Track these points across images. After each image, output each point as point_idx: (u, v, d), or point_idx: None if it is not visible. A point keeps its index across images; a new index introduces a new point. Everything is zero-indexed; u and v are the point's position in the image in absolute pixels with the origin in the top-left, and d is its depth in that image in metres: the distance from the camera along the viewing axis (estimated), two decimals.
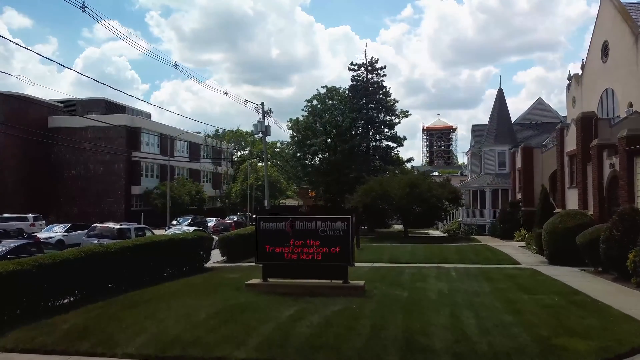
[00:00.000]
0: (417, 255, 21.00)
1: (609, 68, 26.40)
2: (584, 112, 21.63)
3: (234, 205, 64.33)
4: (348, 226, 11.68)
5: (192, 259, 16.60)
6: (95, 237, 20.08)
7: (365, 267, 16.34)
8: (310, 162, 48.61)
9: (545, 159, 30.74)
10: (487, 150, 40.01)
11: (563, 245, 17.39)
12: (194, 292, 12.01)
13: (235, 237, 20.33)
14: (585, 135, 20.30)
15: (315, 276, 11.85)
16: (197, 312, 9.71)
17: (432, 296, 11.16)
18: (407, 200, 32.14)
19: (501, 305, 10.15)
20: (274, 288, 11.78)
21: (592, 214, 18.71)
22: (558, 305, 10.25)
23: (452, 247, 25.19)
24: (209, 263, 18.25)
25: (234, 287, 12.58)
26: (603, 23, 27.31)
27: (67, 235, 26.45)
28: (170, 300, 11.04)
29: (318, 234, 11.75)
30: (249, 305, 10.20)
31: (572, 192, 22.31)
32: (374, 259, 19.55)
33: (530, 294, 11.51)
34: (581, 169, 20.48)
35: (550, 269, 16.39)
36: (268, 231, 12.07)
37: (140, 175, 53.27)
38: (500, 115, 40.17)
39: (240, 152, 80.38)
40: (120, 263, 12.54)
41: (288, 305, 10.17)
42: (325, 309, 9.73)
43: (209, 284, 13.58)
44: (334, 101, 47.68)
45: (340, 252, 11.64)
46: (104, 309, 10.31)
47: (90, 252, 11.51)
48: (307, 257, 11.80)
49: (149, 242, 13.95)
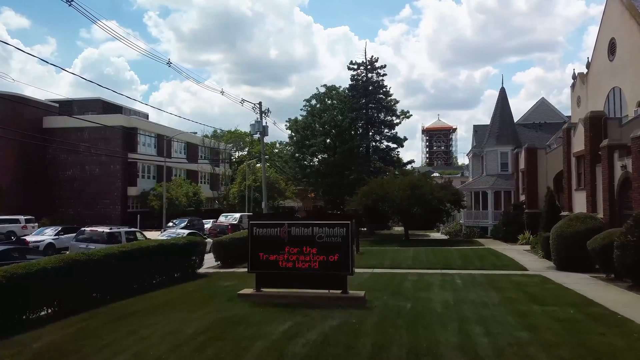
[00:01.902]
0: (420, 260, 20.23)
1: (616, 66, 25.63)
2: (592, 112, 20.85)
3: (232, 206, 63.45)
4: (347, 232, 10.91)
5: (184, 265, 15.83)
6: (84, 241, 19.30)
7: (366, 274, 15.58)
8: (309, 163, 47.87)
9: (549, 159, 29.95)
10: (489, 150, 39.24)
11: (572, 251, 16.64)
12: (184, 303, 11.25)
13: (229, 241, 19.54)
14: (594, 135, 19.54)
15: (312, 286, 11.08)
16: (184, 327, 8.95)
17: (438, 308, 10.38)
18: (408, 202, 31.40)
19: (513, 319, 9.38)
20: (268, 298, 11.01)
21: (602, 217, 17.94)
22: (574, 319, 9.48)
23: (454, 251, 24.41)
24: (202, 268, 17.50)
25: (227, 296, 11.82)
26: (610, 20, 26.54)
27: (58, 239, 25.70)
28: (157, 312, 10.28)
29: (315, 241, 10.98)
30: (241, 320, 9.43)
31: (580, 195, 21.56)
32: (375, 264, 18.78)
33: (543, 305, 10.74)
34: (590, 171, 19.73)
35: (559, 275, 15.63)
36: (261, 237, 11.30)
37: (136, 177, 52.43)
38: (503, 116, 39.40)
39: (239, 153, 79.53)
40: (105, 271, 11.77)
41: (283, 319, 9.40)
42: (323, 324, 8.96)
43: (201, 293, 12.81)
44: (333, 101, 46.92)
45: (339, 260, 10.87)
46: (84, 322, 9.55)
47: (70, 261, 10.73)
48: (304, 266, 11.04)
49: (137, 248, 13.17)
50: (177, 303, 11.31)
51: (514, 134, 38.70)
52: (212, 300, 11.51)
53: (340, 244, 10.86)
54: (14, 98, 44.45)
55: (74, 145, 47.28)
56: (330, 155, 45.74)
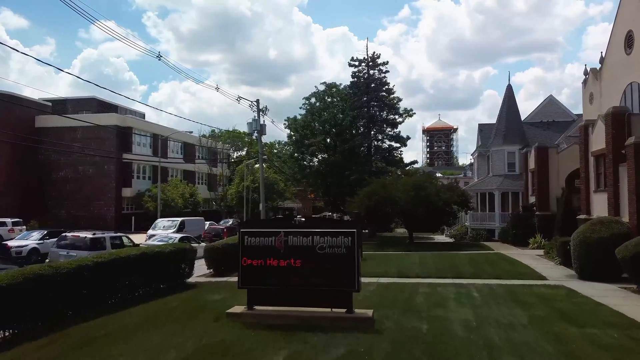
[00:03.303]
0: (428, 267, 18.76)
1: (634, 60, 24.08)
2: (614, 107, 19.37)
3: (230, 207, 62.01)
4: (353, 241, 9.45)
5: (171, 275, 14.36)
6: (65, 247, 17.79)
7: (371, 284, 14.10)
8: (309, 163, 46.38)
9: (561, 159, 28.50)
10: (496, 150, 37.78)
11: (597, 258, 15.22)
12: (163, 324, 9.76)
13: (222, 247, 18.06)
14: (617, 133, 18.06)
15: (312, 303, 9.61)
16: (161, 357, 7.51)
17: (459, 331, 8.90)
18: (412, 204, 29.91)
19: (551, 346, 7.91)
20: (262, 319, 9.54)
21: (629, 222, 16.48)
22: (621, 345, 8.03)
23: (463, 256, 22.96)
24: (193, 277, 16.07)
25: (215, 314, 10.34)
26: (627, 12, 25.00)
27: (43, 243, 24.18)
28: (130, 336, 8.80)
29: (316, 252, 9.52)
30: (228, 348, 7.96)
31: (600, 197, 20.09)
32: (380, 272, 17.30)
33: (579, 325, 9.27)
34: (612, 171, 18.26)
35: (584, 286, 14.16)
36: (254, 248, 9.83)
37: (131, 177, 50.98)
38: (510, 114, 37.93)
39: (237, 153, 78.02)
40: (76, 285, 10.33)
41: (278, 346, 7.95)
42: (325, 354, 7.50)
43: (186, 308, 11.32)
44: (333, 99, 45.39)
45: (343, 275, 9.42)
46: (41, 351, 8.08)
47: (33, 275, 9.25)
48: (303, 281, 9.58)
49: (114, 258, 11.68)
50: (156, 323, 9.83)
51: (521, 132, 37.24)
52: (197, 319, 10.03)
53: (344, 255, 9.39)
54: (5, 97, 42.94)
55: (67, 145, 45.83)
56: (330, 155, 44.24)
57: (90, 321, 9.95)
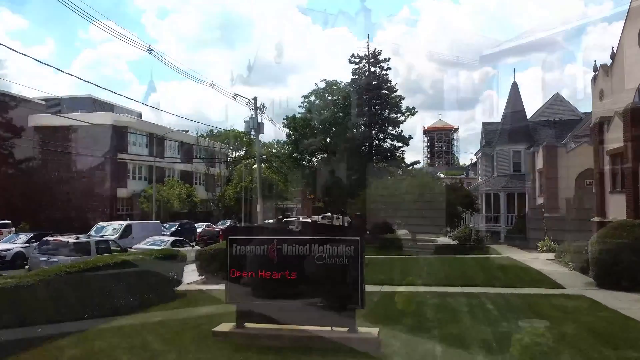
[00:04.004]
0: (435, 274, 17.60)
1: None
2: (634, 103, 18.26)
3: (228, 208, 60.86)
4: (356, 251, 8.29)
5: (158, 284, 13.17)
6: (46, 252, 16.60)
7: (375, 294, 12.89)
8: (308, 162, 45.21)
9: (571, 158, 27.33)
10: (501, 150, 36.67)
11: (618, 265, 14.07)
12: (139, 345, 8.59)
13: (215, 252, 16.92)
14: (637, 130, 16.95)
15: (309, 321, 8.45)
16: None
17: (479, 356, 7.74)
18: (416, 205, 28.79)
19: None
20: (253, 339, 8.39)
21: None
22: None
23: (470, 261, 21.81)
24: (183, 284, 14.95)
25: (200, 331, 9.21)
26: None
27: (29, 247, 23.04)
28: None
29: (314, 262, 8.36)
30: None
31: (616, 198, 18.95)
32: (384, 279, 16.08)
33: (616, 348, 8.13)
34: (631, 171, 17.14)
35: (605, 296, 13.00)
36: (244, 258, 8.68)
37: (127, 178, 49.78)
38: (515, 112, 36.79)
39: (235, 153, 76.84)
40: (44, 299, 9.17)
41: None
42: None
43: (170, 324, 10.15)
44: (333, 97, 44.19)
45: (344, 289, 8.28)
46: None
47: None
48: (298, 295, 8.42)
49: (91, 267, 10.52)
50: (135, 342, 8.67)
51: (527, 132, 36.08)
52: (180, 340, 8.86)
53: (346, 267, 8.24)
54: None
55: (60, 144, 44.69)
56: (330, 154, 43.05)
57: (56, 340, 8.74)
